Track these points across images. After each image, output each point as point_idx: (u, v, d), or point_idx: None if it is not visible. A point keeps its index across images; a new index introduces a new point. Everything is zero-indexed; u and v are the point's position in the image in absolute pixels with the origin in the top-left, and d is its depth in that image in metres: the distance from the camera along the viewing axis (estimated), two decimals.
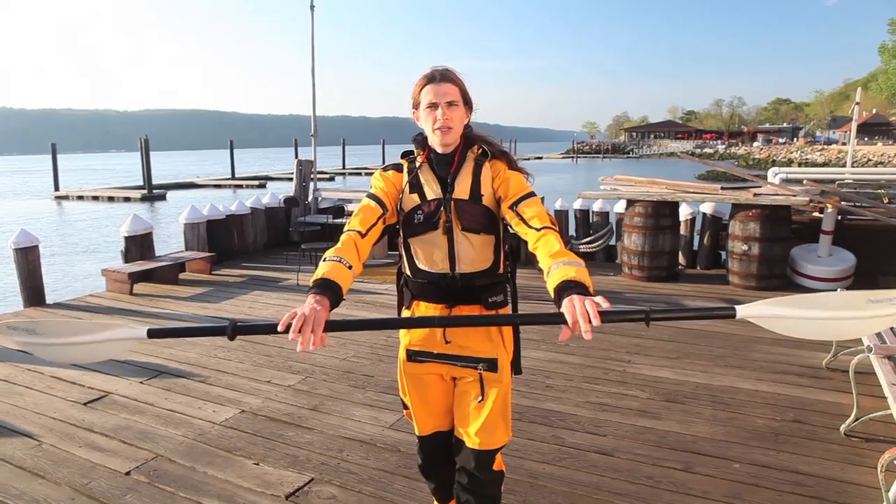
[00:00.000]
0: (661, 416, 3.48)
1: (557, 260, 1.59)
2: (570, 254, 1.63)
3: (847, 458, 2.98)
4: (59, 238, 16.68)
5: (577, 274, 1.52)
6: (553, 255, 1.61)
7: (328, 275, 1.62)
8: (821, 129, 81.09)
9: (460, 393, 1.98)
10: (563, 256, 1.60)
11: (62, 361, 1.82)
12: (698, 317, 1.53)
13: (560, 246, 1.65)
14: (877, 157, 44.20)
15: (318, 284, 1.60)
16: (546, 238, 1.68)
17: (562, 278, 1.52)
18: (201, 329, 1.92)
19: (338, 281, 1.62)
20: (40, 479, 2.86)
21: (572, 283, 1.50)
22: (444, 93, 1.80)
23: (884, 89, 44.11)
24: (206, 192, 32.38)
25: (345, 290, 1.64)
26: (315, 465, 2.98)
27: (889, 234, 6.47)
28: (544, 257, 1.63)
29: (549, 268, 1.58)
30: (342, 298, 1.62)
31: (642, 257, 6.93)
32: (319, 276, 1.63)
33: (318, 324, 1.46)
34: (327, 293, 1.57)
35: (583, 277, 1.52)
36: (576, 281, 1.50)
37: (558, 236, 1.69)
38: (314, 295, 1.56)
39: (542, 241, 1.68)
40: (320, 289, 1.58)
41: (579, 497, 2.68)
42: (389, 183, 1.92)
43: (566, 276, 1.52)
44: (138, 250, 7.26)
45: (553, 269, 1.56)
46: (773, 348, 4.58)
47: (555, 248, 1.64)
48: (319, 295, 1.56)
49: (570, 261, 1.58)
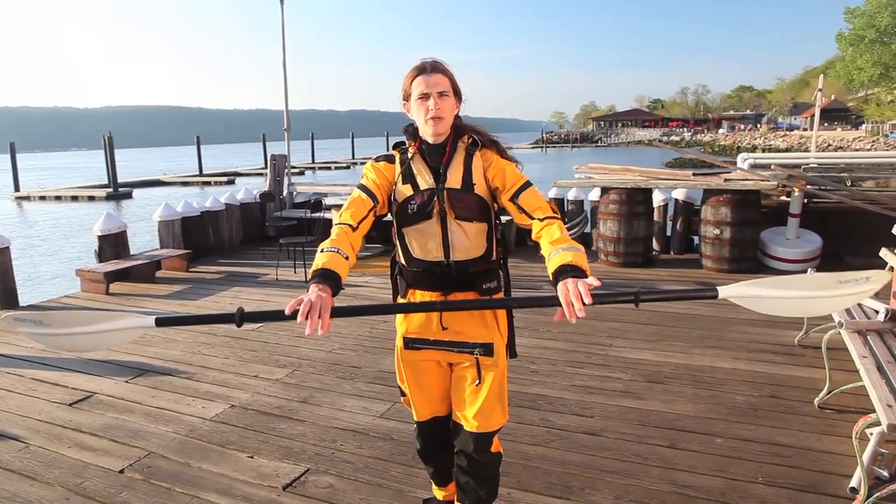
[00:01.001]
0: (645, 397, 3.58)
1: (557, 246, 1.68)
2: (570, 240, 1.71)
3: (822, 428, 3.12)
4: (24, 240, 16.24)
5: (574, 258, 1.61)
6: (554, 242, 1.70)
7: (328, 265, 1.67)
8: (783, 115, 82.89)
9: (457, 378, 2.03)
10: (563, 243, 1.69)
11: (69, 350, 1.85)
12: (683, 297, 1.65)
13: (561, 233, 1.73)
14: (836, 141, 45.43)
15: (318, 274, 1.64)
16: (549, 228, 1.77)
17: (560, 263, 1.61)
18: (210, 317, 1.94)
19: (337, 270, 1.67)
20: (31, 481, 2.83)
21: (569, 266, 1.59)
22: (435, 83, 1.84)
23: (841, 76, 45.18)
24: (174, 190, 31.84)
25: (343, 279, 1.68)
26: (310, 455, 3.01)
27: (853, 215, 6.69)
28: (546, 244, 1.72)
29: (549, 254, 1.67)
30: (342, 287, 1.66)
31: (618, 244, 7.07)
32: (319, 266, 1.67)
33: (325, 309, 1.52)
34: (328, 282, 1.62)
35: (580, 261, 1.61)
36: (572, 265, 1.59)
37: (561, 224, 1.78)
38: (316, 284, 1.60)
39: (546, 230, 1.77)
40: (321, 278, 1.62)
41: (572, 476, 2.76)
42: (381, 174, 1.95)
43: (563, 261, 1.61)
44: (112, 249, 7.14)
45: (553, 255, 1.65)
46: (748, 328, 4.74)
47: (556, 235, 1.73)
48: (322, 284, 1.60)
49: (569, 246, 1.66)
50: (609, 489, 2.65)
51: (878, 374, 2.66)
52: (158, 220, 7.95)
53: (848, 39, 41.97)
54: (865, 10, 40.35)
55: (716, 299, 1.54)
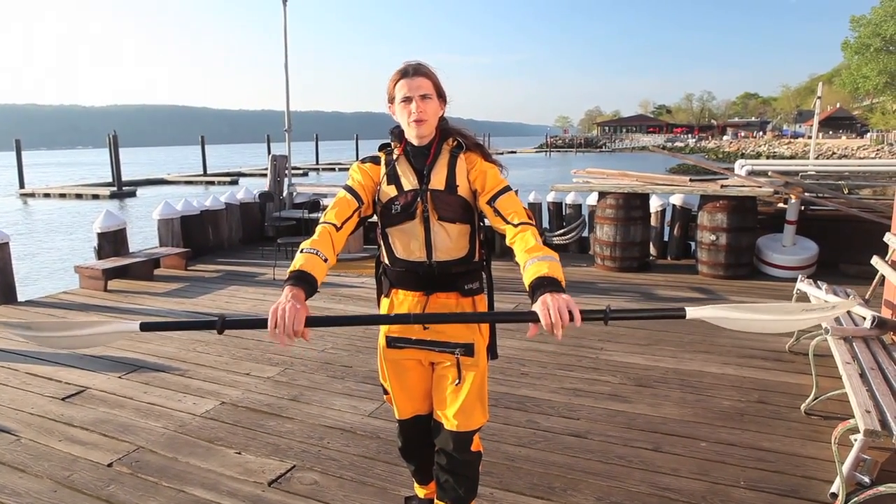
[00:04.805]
0: (632, 400, 3.60)
1: (532, 255, 1.71)
2: (545, 249, 1.74)
3: (807, 434, 3.14)
4: (27, 236, 16.34)
5: (550, 269, 1.64)
6: (529, 251, 1.73)
7: (304, 267, 1.71)
8: (787, 122, 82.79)
9: (438, 377, 2.05)
10: (538, 252, 1.72)
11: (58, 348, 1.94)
12: (653, 317, 1.71)
13: (536, 241, 1.76)
14: (840, 150, 45.41)
15: (293, 276, 1.69)
16: (523, 234, 1.79)
17: (535, 275, 1.64)
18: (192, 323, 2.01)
19: (313, 273, 1.71)
20: (20, 473, 2.87)
21: (545, 280, 1.62)
22: (417, 86, 1.87)
23: (846, 84, 45.18)
24: (178, 189, 31.93)
25: (319, 280, 1.73)
26: (296, 452, 3.03)
27: (849, 223, 6.70)
28: (521, 252, 1.75)
29: (524, 262, 1.71)
30: (317, 289, 1.71)
31: (614, 248, 7.08)
32: (296, 267, 1.71)
33: (298, 323, 1.57)
34: (302, 285, 1.67)
35: (555, 272, 1.64)
36: (549, 278, 1.62)
37: (535, 231, 1.81)
38: (290, 287, 1.65)
39: (520, 236, 1.79)
40: (295, 280, 1.67)
41: (554, 477, 2.78)
42: (367, 175, 1.98)
43: (539, 273, 1.64)
44: (112, 247, 7.19)
45: (528, 265, 1.69)
46: (739, 334, 4.74)
47: (530, 243, 1.75)
48: (296, 287, 1.65)
49: (544, 256, 1.70)
50: (591, 490, 2.67)
51: (859, 380, 2.68)
52: (158, 218, 8.00)
53: (853, 48, 41.96)
54: (871, 19, 40.36)
55: (684, 319, 1.60)
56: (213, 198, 8.94)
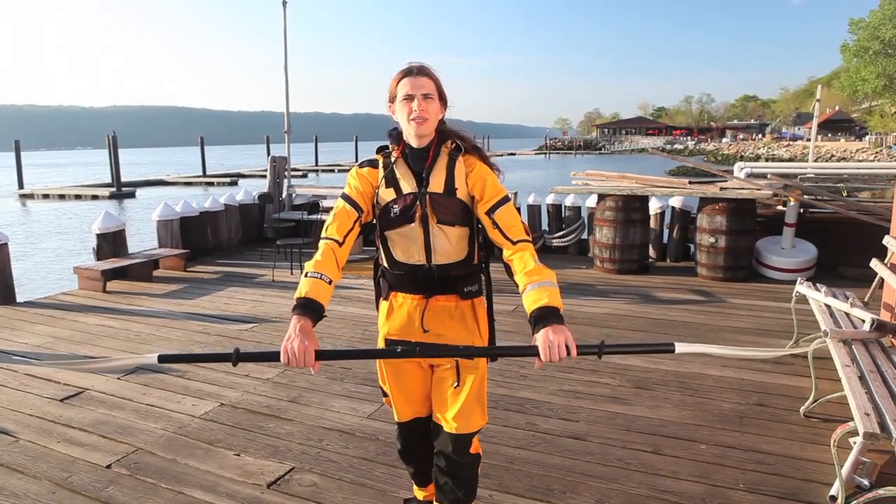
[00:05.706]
0: (632, 402, 3.60)
1: (532, 279, 1.75)
2: (543, 271, 1.78)
3: (806, 437, 3.14)
4: (25, 237, 16.33)
5: (550, 298, 1.70)
6: (528, 274, 1.77)
7: (310, 294, 1.77)
8: (786, 125, 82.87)
9: (438, 379, 2.05)
10: (537, 276, 1.76)
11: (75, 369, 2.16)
12: (644, 351, 1.78)
13: (535, 263, 1.80)
14: (839, 152, 45.45)
15: (300, 304, 1.75)
16: (522, 255, 1.83)
17: (536, 304, 1.71)
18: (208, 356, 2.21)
19: (318, 299, 1.77)
20: (19, 475, 2.86)
21: (546, 311, 1.69)
22: (420, 85, 1.87)
23: (846, 87, 45.31)
24: (177, 190, 31.93)
25: (325, 305, 1.79)
26: (295, 454, 3.03)
27: (848, 226, 6.70)
28: (520, 274, 1.79)
29: (524, 286, 1.76)
30: (324, 315, 1.78)
31: (613, 250, 7.09)
32: (301, 294, 1.77)
33: (308, 359, 1.67)
34: (309, 314, 1.74)
35: (554, 300, 1.71)
36: (549, 308, 1.69)
37: (532, 250, 1.85)
38: (298, 317, 1.72)
39: (518, 256, 1.83)
40: (302, 309, 1.74)
41: (553, 479, 2.78)
42: (365, 181, 1.97)
43: (540, 303, 1.70)
44: (111, 247, 7.18)
45: (528, 290, 1.74)
46: (739, 336, 4.75)
47: (529, 265, 1.79)
48: (303, 318, 1.73)
49: (542, 281, 1.74)
50: (590, 493, 2.67)
51: (859, 382, 2.68)
52: (157, 219, 7.99)
53: (852, 50, 42.08)
54: (870, 22, 40.45)
55: (673, 353, 1.67)
56: (213, 199, 8.94)
